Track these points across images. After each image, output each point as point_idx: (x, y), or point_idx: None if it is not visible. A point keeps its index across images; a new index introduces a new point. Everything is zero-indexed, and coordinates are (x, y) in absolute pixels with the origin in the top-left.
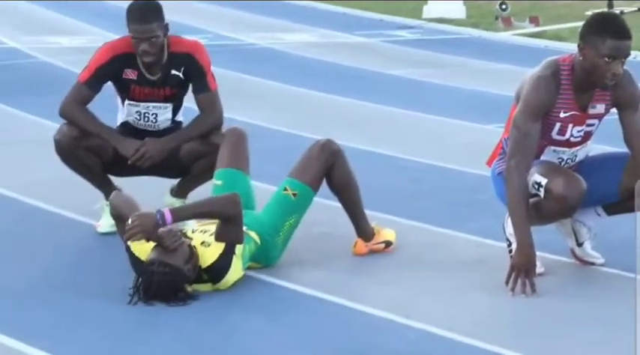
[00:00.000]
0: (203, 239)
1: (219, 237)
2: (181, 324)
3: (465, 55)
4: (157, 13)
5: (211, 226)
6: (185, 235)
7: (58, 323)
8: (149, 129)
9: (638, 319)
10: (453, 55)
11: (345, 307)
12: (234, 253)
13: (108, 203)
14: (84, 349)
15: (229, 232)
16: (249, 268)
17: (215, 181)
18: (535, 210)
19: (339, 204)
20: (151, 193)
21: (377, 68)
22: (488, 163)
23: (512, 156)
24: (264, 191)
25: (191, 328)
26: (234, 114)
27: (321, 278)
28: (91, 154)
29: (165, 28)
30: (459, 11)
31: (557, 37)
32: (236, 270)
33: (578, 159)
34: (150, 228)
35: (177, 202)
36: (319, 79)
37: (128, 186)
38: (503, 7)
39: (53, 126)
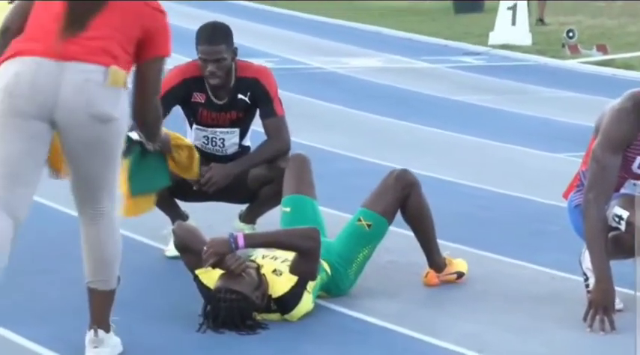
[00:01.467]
0: (274, 266)
1: (294, 269)
2: (250, 353)
3: (531, 82)
4: (226, 35)
5: (283, 253)
6: (253, 261)
7: (126, 348)
8: (217, 153)
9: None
10: (519, 82)
11: (416, 340)
12: (305, 288)
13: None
14: None
15: (305, 267)
16: (319, 297)
17: (283, 208)
18: (615, 244)
19: (408, 232)
20: (218, 219)
21: (442, 93)
22: (565, 195)
23: (590, 189)
24: (328, 215)
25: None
26: (297, 137)
27: (392, 309)
28: None
29: (234, 52)
30: (525, 38)
31: (626, 65)
32: (306, 304)
33: None
34: (223, 251)
35: (246, 228)
36: (383, 104)
37: (196, 211)
38: (570, 34)
39: None
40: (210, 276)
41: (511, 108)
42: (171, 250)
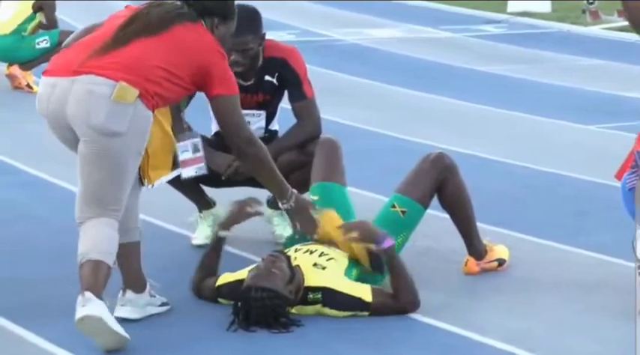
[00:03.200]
0: (313, 260)
1: (375, 296)
2: (282, 351)
3: (554, 49)
4: (254, 24)
5: (321, 248)
6: (283, 253)
7: (150, 342)
8: None
9: None
10: (542, 49)
11: (460, 337)
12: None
13: (202, 215)
14: None
15: (383, 305)
16: None
17: (311, 196)
18: None
19: (444, 214)
20: None
21: (464, 64)
22: (618, 176)
23: None
24: (354, 195)
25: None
26: (321, 112)
27: (432, 301)
28: None
29: (261, 38)
30: (544, 5)
31: None
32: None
33: None
34: (370, 237)
35: (274, 214)
36: (406, 76)
37: (222, 197)
38: (591, 0)
39: None
40: (230, 276)
41: (535, 78)
42: (198, 238)
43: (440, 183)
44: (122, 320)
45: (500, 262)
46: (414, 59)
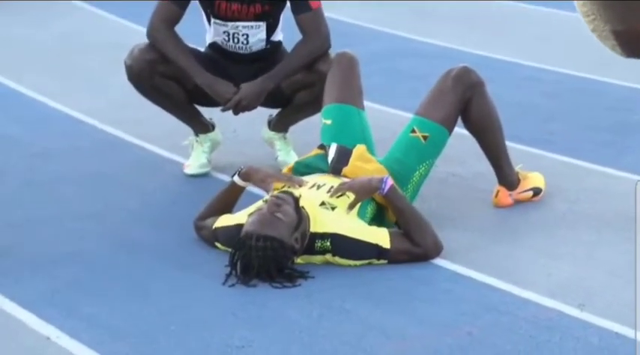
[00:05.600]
0: (321, 198)
1: (394, 239)
2: (288, 313)
3: None
4: None
5: (328, 179)
6: (290, 193)
7: (133, 295)
8: (241, 51)
9: None
10: None
11: (494, 290)
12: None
13: (197, 139)
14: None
15: (403, 246)
16: None
17: (324, 120)
18: None
19: (469, 134)
20: (243, 123)
21: None
22: None
23: None
24: (370, 110)
25: (298, 317)
26: (330, 11)
27: (460, 243)
28: (172, 81)
29: None
30: None
31: None
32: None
33: None
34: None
35: (276, 137)
36: None
37: (217, 114)
38: None
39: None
40: (228, 219)
41: None
42: (191, 167)
43: (465, 103)
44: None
45: (536, 191)
46: None
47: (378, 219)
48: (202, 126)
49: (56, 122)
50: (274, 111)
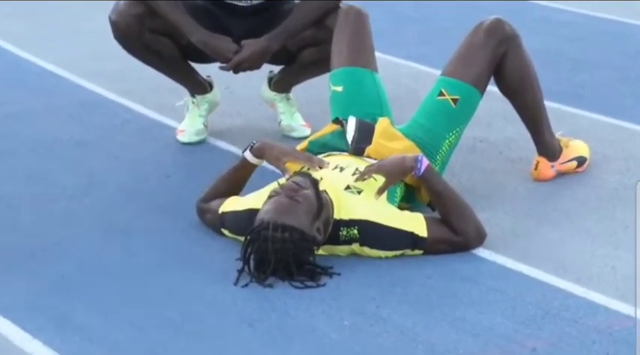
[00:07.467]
0: (346, 181)
1: (431, 226)
2: (314, 322)
3: None
4: None
5: (355, 161)
6: (309, 174)
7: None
8: (239, 4)
9: None
10: None
11: (555, 289)
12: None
13: (194, 100)
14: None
15: (440, 235)
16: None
17: (333, 86)
18: None
19: (493, 91)
20: (238, 79)
21: None
22: None
23: None
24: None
25: (327, 328)
26: None
27: (500, 228)
28: (163, 37)
29: None
30: None
31: None
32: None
33: None
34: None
35: (277, 98)
36: None
37: (211, 71)
38: None
39: None
40: (238, 202)
41: None
42: (185, 133)
43: (498, 59)
44: None
45: (580, 161)
46: None
47: (407, 200)
48: (199, 86)
49: (26, 75)
50: (275, 67)
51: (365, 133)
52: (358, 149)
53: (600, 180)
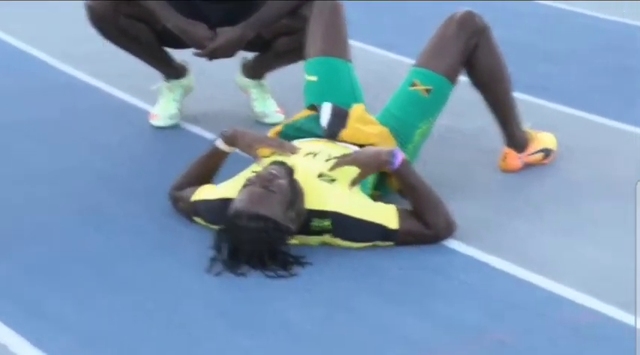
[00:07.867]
0: (319, 169)
1: (403, 218)
2: (288, 314)
3: None
4: None
5: (328, 147)
6: (282, 163)
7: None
8: None
9: None
10: None
11: (522, 282)
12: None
13: (168, 85)
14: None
15: (412, 228)
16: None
17: (308, 76)
18: None
19: (463, 80)
20: (213, 64)
21: None
22: None
23: None
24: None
25: (300, 319)
26: None
27: (471, 220)
28: (138, 22)
29: None
30: None
31: None
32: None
33: None
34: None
35: (251, 84)
36: None
37: (185, 57)
38: None
39: None
40: (210, 191)
41: None
42: (159, 117)
43: (469, 50)
44: None
45: (547, 153)
46: None
47: (378, 187)
48: (174, 71)
49: None
50: (249, 54)
51: (339, 118)
52: (332, 133)
53: (566, 171)
